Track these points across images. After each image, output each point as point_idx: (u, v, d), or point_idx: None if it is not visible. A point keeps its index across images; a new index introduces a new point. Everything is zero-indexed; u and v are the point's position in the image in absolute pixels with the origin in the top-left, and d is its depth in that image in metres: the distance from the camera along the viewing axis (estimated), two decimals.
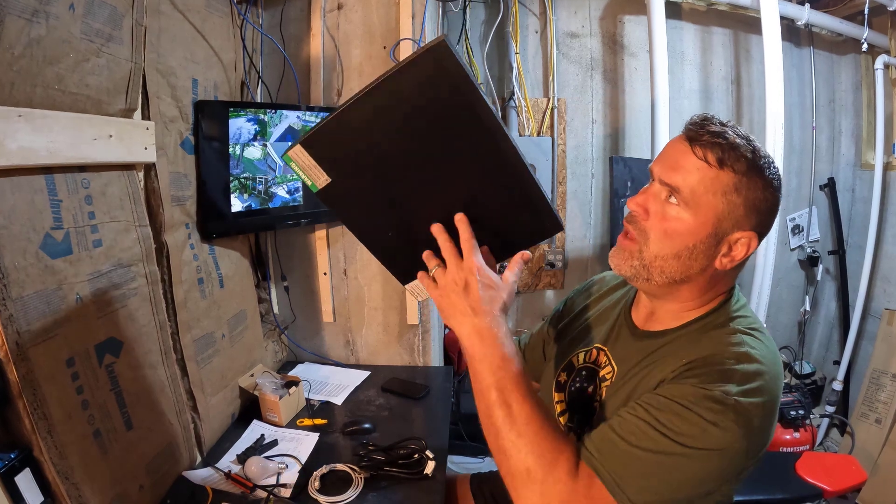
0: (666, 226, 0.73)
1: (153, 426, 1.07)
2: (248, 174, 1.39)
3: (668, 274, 0.74)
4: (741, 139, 0.71)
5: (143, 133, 1.06)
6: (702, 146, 0.71)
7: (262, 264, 1.72)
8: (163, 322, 1.11)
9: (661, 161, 0.75)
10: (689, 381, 0.66)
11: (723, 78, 2.35)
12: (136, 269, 1.05)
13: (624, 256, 0.77)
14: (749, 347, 0.69)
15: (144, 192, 1.10)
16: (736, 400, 0.62)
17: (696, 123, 0.73)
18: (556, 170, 2.27)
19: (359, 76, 1.65)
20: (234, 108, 1.34)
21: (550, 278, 2.37)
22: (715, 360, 0.67)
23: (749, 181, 0.71)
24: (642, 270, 0.75)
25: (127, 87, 1.00)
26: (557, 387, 0.92)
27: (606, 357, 0.85)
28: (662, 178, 0.73)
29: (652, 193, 0.75)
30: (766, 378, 0.66)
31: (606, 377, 0.82)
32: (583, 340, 0.92)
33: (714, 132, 0.71)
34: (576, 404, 0.87)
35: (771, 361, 0.68)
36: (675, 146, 0.74)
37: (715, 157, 0.70)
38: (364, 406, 1.52)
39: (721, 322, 0.75)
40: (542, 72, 2.30)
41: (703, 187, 0.70)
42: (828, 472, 1.40)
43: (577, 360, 0.90)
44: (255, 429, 1.37)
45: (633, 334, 0.83)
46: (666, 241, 0.73)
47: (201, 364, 1.27)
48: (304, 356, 1.83)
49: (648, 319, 0.83)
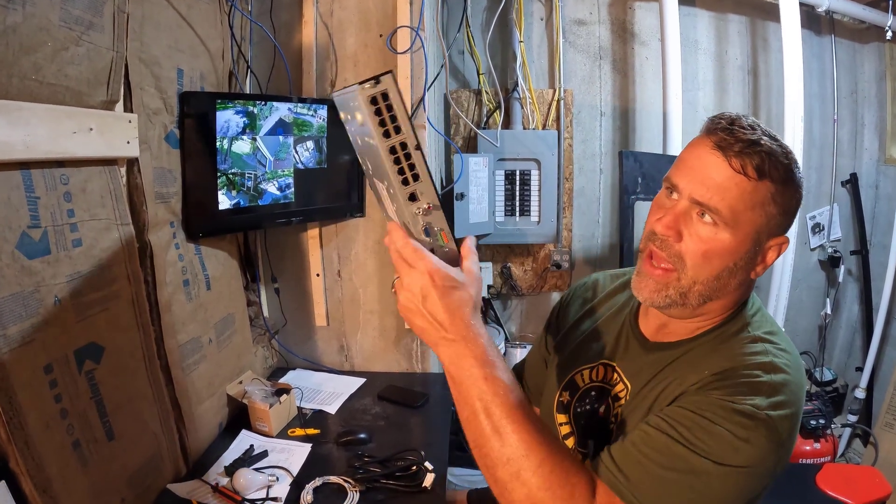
0: (705, 248, 0.70)
1: (136, 436, 1.07)
2: (237, 170, 1.39)
3: (707, 296, 0.73)
4: (774, 143, 0.70)
5: (125, 126, 1.06)
6: (738, 156, 0.68)
7: (252, 265, 1.72)
8: (146, 326, 1.11)
9: (688, 173, 0.71)
10: (714, 392, 0.65)
11: (739, 68, 2.35)
12: (118, 270, 1.05)
13: (657, 287, 0.74)
14: (773, 356, 0.69)
15: (127, 188, 1.10)
16: (767, 415, 0.62)
17: (726, 129, 0.70)
18: (563, 165, 2.27)
19: (354, 66, 1.65)
20: (222, 99, 1.33)
21: (556, 279, 2.37)
22: (740, 372, 0.67)
23: (785, 189, 0.70)
24: (679, 298, 0.73)
25: (108, 77, 1.00)
26: (560, 408, 0.90)
27: (617, 374, 0.83)
28: (695, 196, 0.70)
29: (680, 213, 0.71)
30: (792, 388, 0.66)
31: (620, 396, 0.81)
32: (585, 356, 0.90)
33: (750, 140, 0.68)
34: (588, 427, 0.85)
35: (795, 369, 0.69)
36: (705, 156, 0.70)
37: (754, 169, 0.68)
38: (359, 415, 1.51)
39: (738, 329, 0.75)
40: (548, 61, 2.30)
41: (743, 203, 0.68)
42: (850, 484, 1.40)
43: (582, 378, 0.88)
44: (243, 439, 1.37)
45: (644, 347, 0.82)
46: (706, 265, 0.71)
47: (187, 371, 1.27)
48: (296, 362, 1.83)
49: (660, 331, 0.82)
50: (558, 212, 2.27)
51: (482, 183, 2.08)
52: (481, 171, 2.07)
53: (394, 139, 0.61)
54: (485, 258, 2.40)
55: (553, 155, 2.20)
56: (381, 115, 0.60)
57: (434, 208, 0.66)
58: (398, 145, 0.62)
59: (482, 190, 2.08)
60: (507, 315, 2.48)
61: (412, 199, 0.64)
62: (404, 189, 0.64)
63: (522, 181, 2.22)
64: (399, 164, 0.62)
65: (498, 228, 2.23)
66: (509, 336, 2.43)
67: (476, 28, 2.24)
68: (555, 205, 2.23)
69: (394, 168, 0.62)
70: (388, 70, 0.61)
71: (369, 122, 0.60)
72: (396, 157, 0.62)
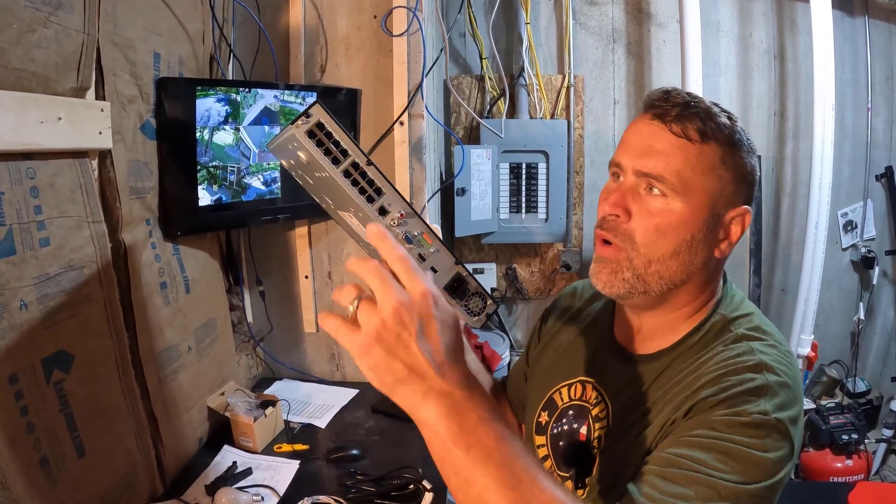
0: (656, 222, 0.71)
1: (109, 452, 1.07)
2: (219, 162, 1.39)
3: (668, 278, 0.73)
4: (713, 105, 0.73)
5: (97, 115, 1.06)
6: (677, 121, 0.71)
7: (235, 266, 1.72)
8: (120, 333, 1.11)
9: (630, 149, 0.74)
10: (715, 412, 0.65)
11: (764, 52, 2.35)
12: (89, 271, 1.05)
13: (611, 270, 0.74)
14: (760, 354, 0.69)
15: (99, 183, 1.10)
16: (776, 419, 0.64)
17: (661, 97, 0.73)
18: (573, 158, 2.27)
19: (346, 49, 1.65)
20: (202, 86, 1.33)
21: (566, 282, 2.37)
22: (731, 381, 0.67)
23: (733, 150, 0.72)
24: (637, 283, 0.74)
25: (79, 62, 1.00)
26: (538, 429, 0.90)
27: (596, 391, 0.83)
28: (639, 167, 0.72)
29: (627, 189, 0.73)
30: (790, 385, 0.67)
31: (601, 416, 0.80)
32: (562, 372, 0.90)
33: (686, 103, 0.71)
34: (568, 450, 0.85)
35: (786, 363, 0.70)
36: (644, 128, 0.73)
37: (696, 131, 0.70)
38: (351, 429, 1.51)
39: (720, 329, 0.75)
40: (557, 45, 2.30)
41: (691, 168, 0.70)
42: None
43: (561, 397, 0.88)
44: (225, 455, 1.37)
45: (622, 360, 0.82)
46: (660, 240, 0.72)
47: (164, 381, 1.27)
48: (283, 372, 1.83)
49: (636, 339, 0.82)
50: (568, 208, 2.27)
51: (485, 177, 2.08)
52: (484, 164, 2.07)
53: (344, 163, 0.66)
54: (488, 259, 2.40)
55: (562, 146, 2.20)
56: (323, 144, 0.65)
57: (407, 215, 0.70)
58: (350, 167, 0.66)
59: (485, 184, 2.08)
60: (513, 321, 2.48)
61: (382, 213, 0.69)
62: (371, 206, 0.68)
63: (529, 175, 2.22)
64: (358, 185, 0.67)
65: (502, 226, 2.23)
66: (514, 343, 2.43)
67: (478, 8, 2.24)
68: (564, 201, 2.23)
69: (354, 190, 0.67)
70: (315, 101, 0.66)
71: (315, 156, 0.65)
72: (353, 178, 0.67)
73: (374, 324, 0.50)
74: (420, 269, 0.53)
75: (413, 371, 0.50)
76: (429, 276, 0.54)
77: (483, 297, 0.80)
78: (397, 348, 0.50)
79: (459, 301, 0.79)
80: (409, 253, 0.55)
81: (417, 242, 0.73)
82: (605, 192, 0.77)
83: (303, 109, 0.65)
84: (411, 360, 0.50)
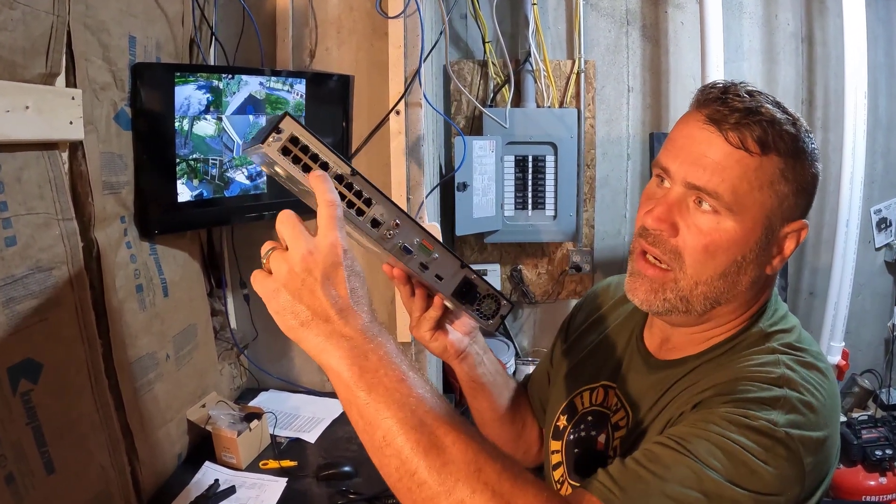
0: (706, 241, 0.70)
1: (80, 469, 1.07)
2: (199, 155, 1.39)
3: (713, 298, 0.73)
4: (778, 110, 0.70)
5: (67, 104, 1.06)
6: (735, 129, 0.68)
7: (217, 268, 1.72)
8: (92, 339, 1.11)
9: (680, 154, 0.71)
10: (721, 408, 0.64)
11: (791, 35, 2.35)
12: (59, 273, 1.05)
13: (651, 289, 0.74)
14: (789, 370, 0.67)
15: (69, 177, 1.10)
16: (786, 433, 0.61)
17: (718, 99, 0.70)
18: (583, 149, 2.27)
19: (337, 32, 1.65)
20: (182, 72, 1.33)
21: (576, 285, 2.38)
22: (746, 385, 0.66)
23: (795, 161, 0.70)
24: (680, 303, 0.73)
25: (48, 46, 1.00)
26: (555, 433, 0.90)
27: (617, 398, 0.83)
28: (690, 179, 0.70)
29: (673, 202, 0.71)
30: (815, 408, 0.64)
31: (620, 425, 0.81)
32: (587, 375, 0.90)
33: (747, 109, 0.68)
34: (582, 458, 0.84)
35: (818, 385, 0.67)
36: (695, 133, 0.70)
37: (756, 141, 0.68)
38: (343, 444, 1.51)
39: (754, 341, 0.74)
40: (566, 27, 2.30)
41: (748, 183, 0.68)
42: None
43: (582, 401, 0.88)
44: (207, 472, 1.37)
45: (647, 364, 0.82)
46: (709, 262, 0.70)
47: (140, 392, 1.27)
48: (269, 382, 1.83)
49: (664, 347, 0.82)
50: (578, 205, 2.27)
51: (488, 171, 2.08)
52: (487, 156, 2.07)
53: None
54: (491, 259, 2.40)
55: (572, 138, 2.20)
56: (300, 160, 0.65)
57: (401, 224, 0.71)
58: (333, 180, 0.66)
59: (488, 179, 2.08)
60: (518, 326, 2.48)
61: (375, 224, 0.69)
62: (362, 220, 0.69)
63: (536, 168, 2.22)
64: (345, 199, 0.67)
65: (507, 224, 2.23)
66: (520, 351, 2.43)
67: None
68: (574, 196, 2.23)
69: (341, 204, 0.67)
70: (284, 112, 0.66)
71: (293, 172, 0.65)
72: (338, 192, 0.66)
73: (283, 270, 0.57)
74: (341, 219, 0.61)
75: (316, 314, 0.57)
76: (343, 227, 0.61)
77: (496, 298, 0.80)
78: (302, 292, 0.57)
79: (470, 306, 0.79)
80: (341, 203, 0.62)
81: (417, 250, 0.73)
82: (648, 196, 0.75)
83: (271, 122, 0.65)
84: (315, 303, 0.57)
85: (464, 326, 0.88)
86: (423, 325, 0.85)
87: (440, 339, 0.86)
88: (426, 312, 0.83)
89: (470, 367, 0.91)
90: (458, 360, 0.89)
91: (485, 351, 0.93)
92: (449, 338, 0.87)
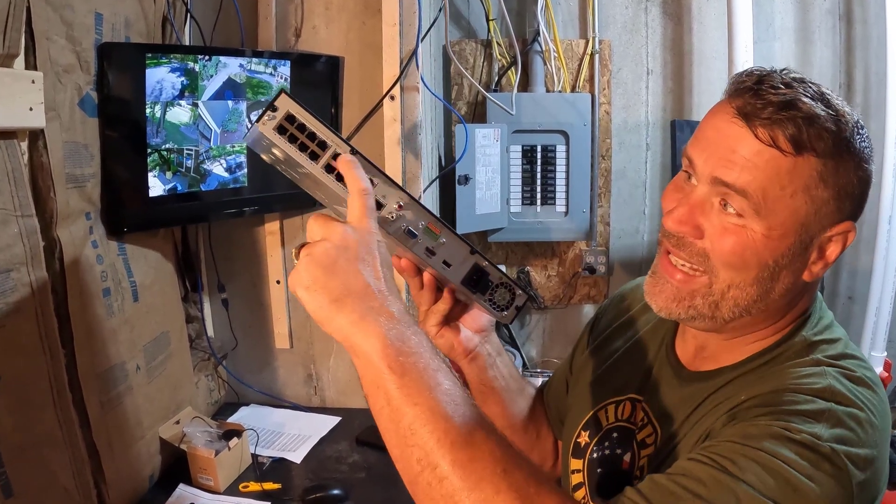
0: (732, 242, 0.70)
1: (41, 492, 1.07)
2: (173, 145, 1.39)
3: (744, 305, 0.72)
4: (818, 104, 0.68)
5: (26, 88, 1.06)
6: (766, 125, 0.67)
7: (192, 269, 1.72)
8: (54, 349, 1.11)
9: (707, 147, 0.71)
10: (760, 419, 0.64)
11: (827, 12, 2.35)
12: (18, 275, 1.05)
13: (673, 296, 0.74)
14: (833, 381, 0.67)
15: (29, 169, 1.10)
16: (831, 448, 0.60)
17: (750, 89, 0.68)
18: (598, 139, 2.27)
19: (325, 9, 1.65)
20: (153, 52, 1.33)
21: (590, 288, 2.37)
22: (788, 397, 0.66)
23: (837, 163, 0.68)
24: (706, 309, 0.73)
25: (4, 24, 1.00)
26: (575, 451, 0.90)
27: (644, 413, 0.83)
28: (717, 174, 0.69)
29: (696, 202, 0.71)
30: (864, 423, 0.64)
31: (648, 442, 0.81)
32: (612, 386, 0.90)
33: (782, 102, 0.66)
34: (606, 479, 0.84)
35: (870, 401, 0.67)
36: (724, 126, 0.70)
37: (789, 140, 0.66)
38: (332, 464, 1.52)
39: (797, 351, 0.74)
40: (579, 3, 2.30)
41: (779, 186, 0.67)
42: None
43: (606, 415, 0.88)
44: (182, 496, 1.37)
45: (679, 377, 0.82)
46: (739, 264, 0.70)
47: (108, 407, 1.27)
48: (250, 395, 1.83)
49: (698, 357, 0.82)
50: (592, 200, 2.27)
51: (492, 162, 2.08)
52: (491, 146, 2.07)
53: (324, 157, 0.68)
54: (496, 260, 2.40)
55: (585, 125, 2.20)
56: (296, 139, 0.67)
57: (406, 205, 0.72)
58: (332, 160, 0.68)
59: (493, 171, 2.08)
60: (525, 334, 2.48)
61: (377, 207, 0.70)
62: None
63: (545, 160, 2.22)
64: (343, 179, 0.68)
65: (513, 221, 2.23)
66: (528, 362, 2.43)
67: None
68: (587, 191, 2.23)
69: (339, 185, 0.68)
70: (280, 90, 0.67)
71: (290, 152, 0.67)
72: (337, 172, 0.68)
73: (317, 249, 0.59)
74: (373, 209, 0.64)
75: (351, 291, 0.58)
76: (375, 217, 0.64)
77: (510, 287, 0.81)
78: (336, 267, 0.58)
79: (482, 295, 0.80)
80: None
81: (423, 234, 0.73)
82: (675, 189, 0.75)
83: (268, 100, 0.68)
84: (351, 279, 0.59)
85: (475, 323, 0.88)
86: (430, 320, 0.85)
87: (447, 335, 0.87)
88: (434, 305, 0.84)
89: (480, 368, 0.91)
90: (467, 360, 0.90)
91: (498, 353, 0.93)
92: (458, 335, 0.87)
